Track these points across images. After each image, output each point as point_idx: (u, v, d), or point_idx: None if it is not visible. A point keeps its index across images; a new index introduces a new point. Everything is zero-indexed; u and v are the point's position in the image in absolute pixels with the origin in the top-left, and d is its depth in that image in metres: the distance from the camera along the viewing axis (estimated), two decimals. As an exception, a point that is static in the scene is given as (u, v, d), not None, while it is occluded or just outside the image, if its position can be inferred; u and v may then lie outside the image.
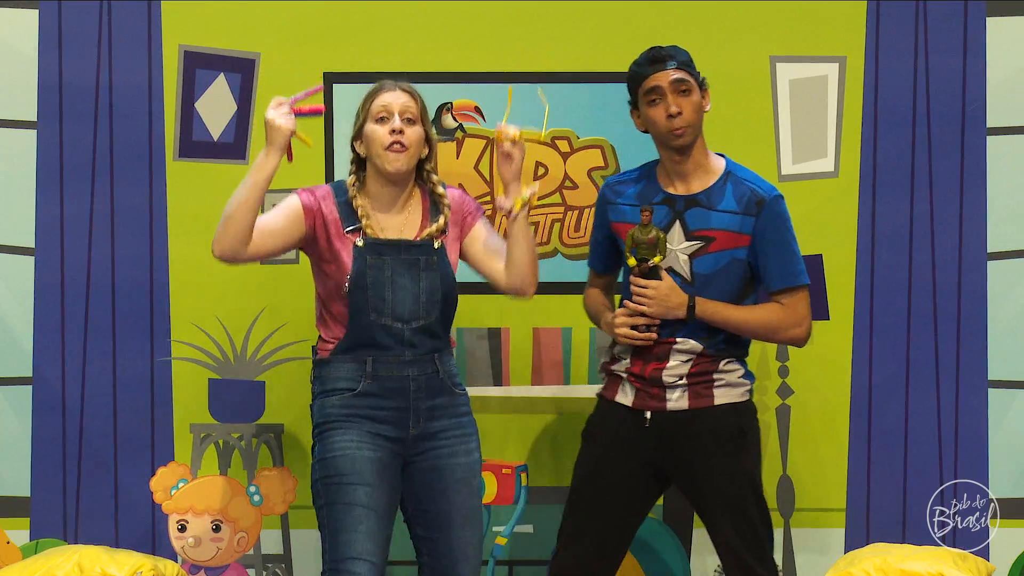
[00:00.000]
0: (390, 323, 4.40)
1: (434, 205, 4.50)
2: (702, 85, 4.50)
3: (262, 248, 4.40)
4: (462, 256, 4.52)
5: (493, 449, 5.40)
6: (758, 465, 4.56)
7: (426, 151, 4.48)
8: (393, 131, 4.38)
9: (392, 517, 4.40)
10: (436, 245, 4.44)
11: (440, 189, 4.49)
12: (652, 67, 4.47)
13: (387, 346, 4.40)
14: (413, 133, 4.40)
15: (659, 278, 4.48)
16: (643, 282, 4.48)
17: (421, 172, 4.52)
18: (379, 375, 4.40)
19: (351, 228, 4.40)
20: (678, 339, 4.48)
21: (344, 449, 4.35)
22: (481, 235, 4.53)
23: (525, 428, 5.45)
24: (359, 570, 4.27)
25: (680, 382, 4.48)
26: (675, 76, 4.45)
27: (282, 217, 4.41)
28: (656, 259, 4.45)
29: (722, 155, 4.59)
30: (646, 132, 4.55)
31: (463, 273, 5.16)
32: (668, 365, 4.49)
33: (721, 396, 4.50)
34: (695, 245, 4.47)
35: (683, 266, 4.47)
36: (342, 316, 4.42)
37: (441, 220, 4.46)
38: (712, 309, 4.45)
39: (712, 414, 4.48)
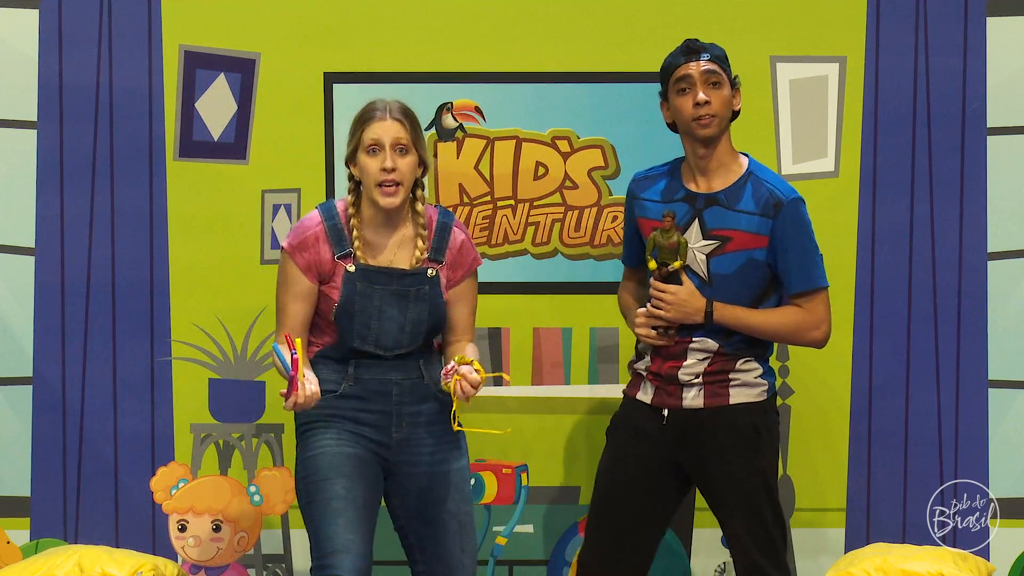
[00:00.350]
0: (372, 350, 4.42)
1: (422, 236, 4.48)
2: (733, 83, 4.52)
3: (309, 326, 4.48)
4: None
5: (493, 449, 5.40)
6: (774, 466, 4.56)
7: (420, 171, 4.48)
8: (384, 169, 4.37)
9: (374, 511, 4.41)
10: (430, 274, 4.45)
11: (419, 206, 4.48)
12: (685, 57, 4.49)
13: (370, 356, 4.43)
14: (406, 164, 4.40)
15: (679, 282, 4.49)
16: (662, 286, 4.50)
17: (413, 190, 4.51)
18: (361, 378, 4.42)
19: (342, 254, 4.41)
20: (695, 338, 4.51)
21: (323, 447, 4.39)
22: (461, 301, 4.56)
23: (525, 428, 5.44)
24: (342, 563, 4.28)
25: (696, 380, 4.51)
26: (706, 67, 4.47)
27: (297, 300, 4.43)
28: (676, 264, 4.47)
29: (746, 154, 4.61)
30: (673, 128, 4.58)
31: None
32: (685, 363, 4.51)
33: (736, 395, 4.51)
34: (712, 244, 4.48)
35: (700, 265, 4.49)
36: (330, 330, 4.45)
37: (420, 244, 4.45)
38: (731, 314, 4.46)
39: (727, 413, 4.50)
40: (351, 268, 4.40)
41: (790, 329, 4.52)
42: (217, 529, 5.28)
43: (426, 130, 5.42)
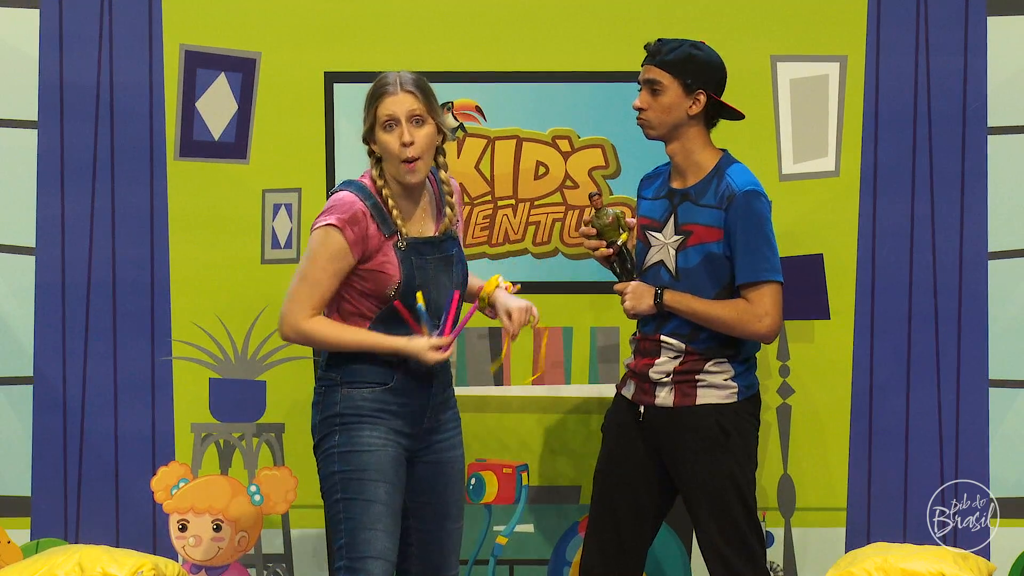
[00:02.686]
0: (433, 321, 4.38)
1: (439, 195, 4.48)
2: (688, 87, 4.53)
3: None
4: None
5: (493, 449, 5.40)
6: (745, 468, 4.58)
7: (439, 139, 4.43)
8: (404, 144, 4.33)
9: (401, 515, 4.41)
10: (454, 235, 4.44)
11: (443, 175, 4.46)
12: (645, 59, 4.59)
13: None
14: (423, 136, 4.33)
15: (633, 258, 4.60)
16: (620, 286, 4.62)
17: (436, 158, 4.47)
18: (411, 368, 4.37)
19: (390, 233, 4.36)
20: (663, 336, 4.56)
21: (371, 445, 4.33)
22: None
23: (525, 428, 5.45)
24: (377, 570, 4.29)
25: (667, 379, 4.56)
26: (647, 76, 4.58)
27: (335, 277, 4.35)
28: (623, 236, 4.56)
29: (724, 150, 4.65)
30: None
31: (463, 273, 5.15)
32: (657, 361, 4.58)
33: (704, 396, 4.56)
34: (679, 239, 4.55)
35: (671, 260, 4.56)
36: (371, 311, 4.37)
37: (449, 212, 4.44)
38: (679, 300, 4.55)
39: (695, 413, 4.56)
40: (401, 245, 4.37)
41: (733, 319, 4.54)
42: (217, 529, 5.28)
43: (426, 130, 5.42)
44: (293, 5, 5.44)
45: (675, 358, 4.58)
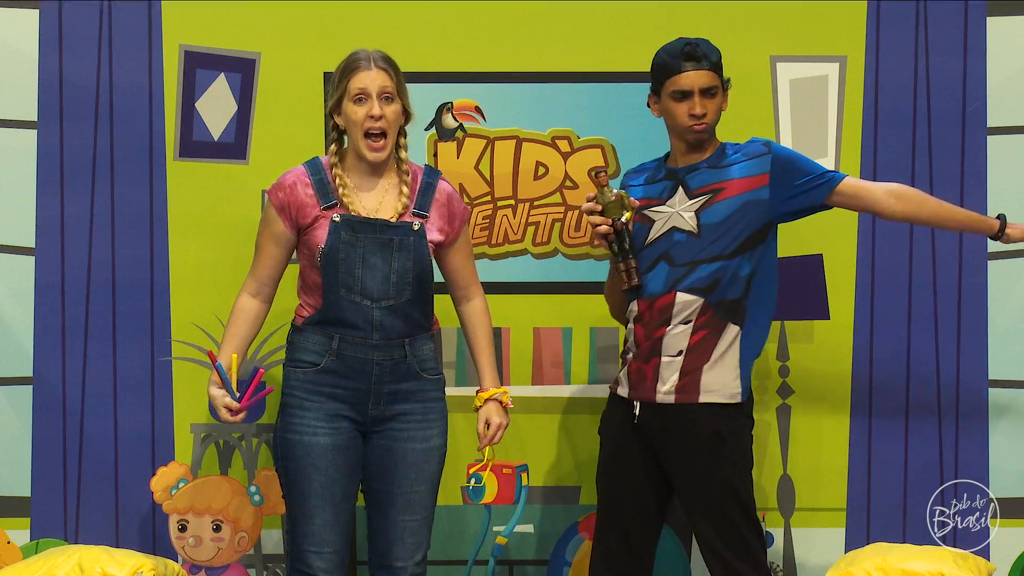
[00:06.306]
0: (359, 300, 4.45)
1: (406, 182, 4.54)
2: (725, 86, 4.61)
3: (279, 278, 4.62)
4: (436, 255, 4.55)
5: (492, 449, 5.39)
6: (742, 467, 4.59)
7: (403, 120, 4.54)
8: (372, 116, 4.42)
9: (352, 501, 4.51)
10: (415, 227, 4.48)
11: (403, 154, 4.56)
12: (686, 64, 4.57)
13: (355, 325, 4.46)
14: (391, 113, 4.48)
15: (632, 238, 4.60)
16: (623, 266, 4.64)
17: (396, 139, 4.57)
18: (343, 354, 4.46)
19: (328, 205, 4.45)
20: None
21: (301, 433, 4.47)
22: (460, 251, 4.65)
23: (525, 428, 5.44)
24: (318, 562, 4.43)
25: (676, 357, 4.54)
26: (706, 84, 4.57)
27: (270, 242, 4.56)
28: (627, 215, 4.59)
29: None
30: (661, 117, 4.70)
31: (463, 273, 5.14)
32: (668, 331, 4.56)
33: (705, 396, 4.55)
34: (701, 200, 4.56)
35: (688, 221, 4.57)
36: (317, 286, 4.49)
37: (404, 191, 4.48)
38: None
39: (692, 414, 4.55)
40: (336, 218, 4.44)
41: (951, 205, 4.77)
42: (217, 529, 5.28)
43: (426, 130, 5.42)
44: (293, 5, 5.44)
45: (687, 323, 4.57)
